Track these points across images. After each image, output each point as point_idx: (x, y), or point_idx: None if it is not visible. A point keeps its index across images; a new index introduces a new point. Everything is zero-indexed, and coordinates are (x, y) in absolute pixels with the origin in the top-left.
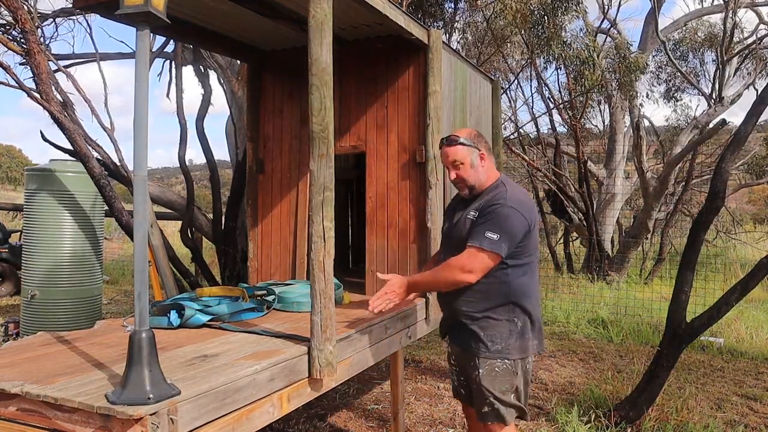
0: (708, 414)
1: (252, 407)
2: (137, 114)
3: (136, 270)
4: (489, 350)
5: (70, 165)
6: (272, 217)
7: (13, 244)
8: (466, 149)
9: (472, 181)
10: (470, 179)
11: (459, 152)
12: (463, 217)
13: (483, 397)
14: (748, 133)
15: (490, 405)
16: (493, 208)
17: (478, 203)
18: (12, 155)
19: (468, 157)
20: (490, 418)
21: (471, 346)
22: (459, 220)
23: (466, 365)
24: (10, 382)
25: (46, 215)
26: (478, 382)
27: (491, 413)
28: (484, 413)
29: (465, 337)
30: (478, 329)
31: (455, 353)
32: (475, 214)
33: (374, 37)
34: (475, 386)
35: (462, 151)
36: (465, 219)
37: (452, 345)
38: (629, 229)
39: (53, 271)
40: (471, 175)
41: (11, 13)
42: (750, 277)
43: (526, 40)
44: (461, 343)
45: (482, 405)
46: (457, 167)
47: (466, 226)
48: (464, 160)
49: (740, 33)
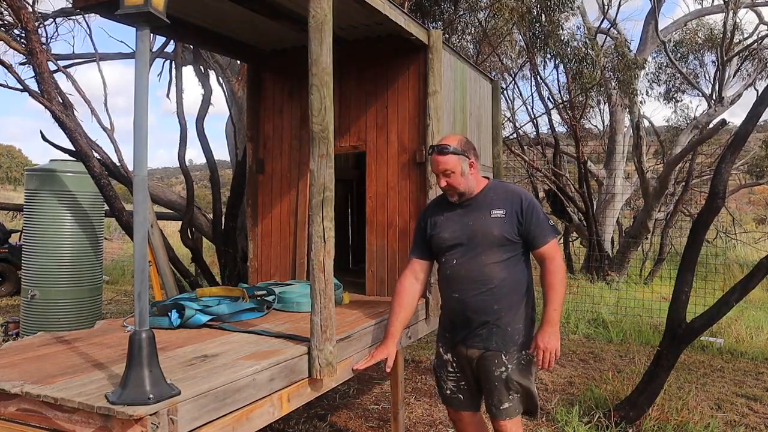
0: (708, 414)
1: (252, 407)
2: (137, 114)
3: (136, 270)
4: (517, 344)
5: (70, 165)
6: (272, 217)
7: (13, 244)
8: (456, 158)
9: (463, 188)
10: (461, 187)
11: (450, 161)
12: (485, 218)
13: (507, 392)
14: (749, 133)
15: (511, 401)
16: (532, 201)
17: (493, 203)
18: (12, 155)
19: (459, 165)
20: (508, 414)
21: (496, 343)
22: (476, 221)
23: (487, 365)
24: (10, 382)
25: (46, 215)
26: (503, 378)
27: (511, 409)
28: (503, 409)
29: (490, 336)
30: (507, 325)
31: (464, 357)
32: (501, 213)
33: (374, 37)
34: (496, 383)
35: (453, 160)
36: (489, 218)
37: (465, 349)
38: (629, 229)
39: (53, 271)
40: (462, 183)
41: (13, 12)
42: (750, 277)
43: (524, 39)
44: (483, 344)
45: (502, 401)
46: (448, 176)
47: (496, 224)
48: (455, 169)
49: (740, 34)
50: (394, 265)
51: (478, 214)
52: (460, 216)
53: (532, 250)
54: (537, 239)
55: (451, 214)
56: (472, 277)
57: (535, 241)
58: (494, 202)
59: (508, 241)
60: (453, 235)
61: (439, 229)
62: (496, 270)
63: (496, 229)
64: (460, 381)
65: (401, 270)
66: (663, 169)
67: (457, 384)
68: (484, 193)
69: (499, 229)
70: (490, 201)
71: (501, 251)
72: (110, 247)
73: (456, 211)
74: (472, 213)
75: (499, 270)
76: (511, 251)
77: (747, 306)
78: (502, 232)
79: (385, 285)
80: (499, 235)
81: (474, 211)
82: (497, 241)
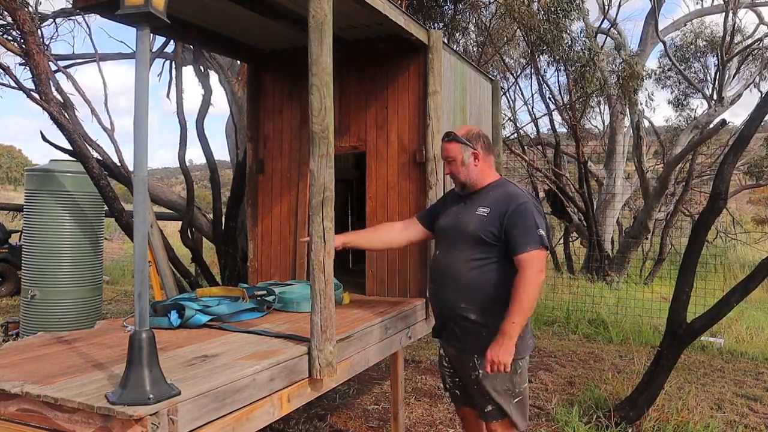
0: (708, 414)
1: (252, 407)
2: (137, 114)
3: (136, 270)
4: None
5: (70, 165)
6: (272, 217)
7: (13, 244)
8: (459, 146)
9: (463, 178)
10: (461, 176)
11: (452, 149)
12: (470, 213)
13: (485, 396)
14: (752, 134)
15: (492, 404)
16: (524, 206)
17: (486, 200)
18: (12, 155)
19: (460, 154)
20: (492, 417)
21: (471, 345)
22: (464, 216)
23: (464, 366)
24: (10, 382)
25: (46, 215)
26: (478, 382)
27: (494, 412)
28: (487, 413)
29: (464, 336)
30: (480, 328)
31: (449, 354)
32: (485, 211)
33: (374, 37)
34: (476, 387)
35: (455, 148)
36: (473, 215)
37: (447, 346)
38: (629, 230)
39: (53, 271)
40: (462, 172)
41: (10, 14)
42: (750, 278)
43: (528, 41)
44: (459, 343)
45: (484, 404)
46: (450, 163)
47: (474, 221)
48: (456, 157)
49: (741, 34)
50: (394, 265)
51: (470, 209)
52: (459, 209)
53: (512, 256)
54: (516, 245)
55: (455, 206)
56: (444, 270)
57: (513, 247)
58: (487, 199)
59: (482, 240)
60: (445, 226)
61: (440, 218)
62: (466, 268)
63: (472, 225)
64: (454, 377)
65: (401, 271)
66: (663, 169)
67: (453, 380)
68: (486, 189)
69: (475, 226)
70: (485, 198)
71: (474, 250)
72: (110, 247)
73: (459, 204)
74: (467, 208)
75: (469, 268)
76: (486, 252)
77: (747, 306)
78: (477, 230)
79: (385, 285)
80: (473, 232)
81: (469, 206)
82: (471, 239)
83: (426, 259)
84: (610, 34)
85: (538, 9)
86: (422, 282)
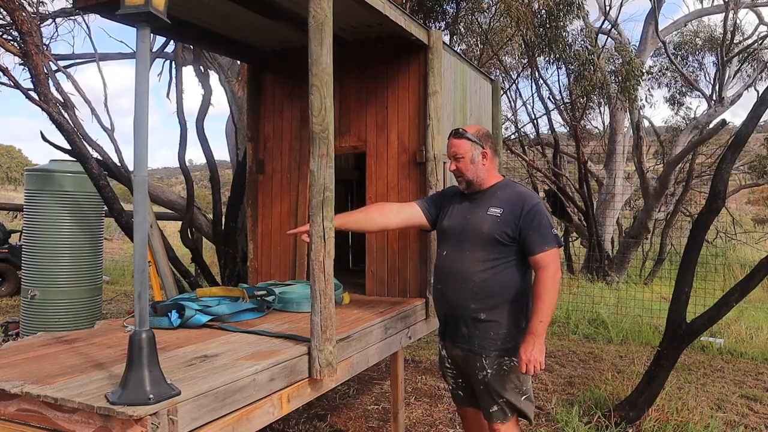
0: (708, 414)
1: (252, 407)
2: (137, 114)
3: (136, 270)
4: (498, 349)
5: (69, 165)
6: (272, 217)
7: (13, 244)
8: (469, 144)
9: (470, 176)
10: (468, 174)
11: (462, 146)
12: (481, 214)
13: (491, 397)
14: (750, 134)
15: (498, 404)
16: (538, 206)
17: (496, 200)
18: (12, 155)
19: (470, 152)
20: (496, 418)
21: (477, 345)
22: (473, 216)
23: (471, 366)
24: (10, 382)
25: (46, 215)
26: (485, 382)
27: (498, 413)
28: (492, 413)
29: (471, 337)
30: (488, 328)
31: (454, 356)
32: (498, 212)
33: (374, 37)
34: (482, 387)
35: (465, 145)
36: (485, 215)
37: (452, 347)
38: (629, 230)
39: (53, 271)
40: (470, 170)
41: (8, 14)
42: (750, 277)
43: (527, 41)
44: (465, 344)
45: (490, 405)
46: (458, 160)
47: (487, 222)
48: (465, 155)
49: (741, 35)
50: (394, 265)
51: (479, 209)
52: (465, 209)
53: (528, 257)
54: (533, 246)
55: (459, 206)
56: (453, 271)
57: (530, 248)
58: (497, 200)
59: (497, 241)
60: (451, 225)
61: (444, 217)
62: (478, 268)
63: (487, 226)
64: (457, 378)
65: (401, 270)
66: (663, 169)
67: (456, 380)
68: (493, 189)
69: (490, 227)
70: (494, 198)
71: (488, 250)
72: (110, 247)
73: (464, 203)
74: (475, 208)
75: (481, 269)
76: (499, 253)
77: (747, 306)
78: (491, 231)
79: (385, 285)
80: (488, 233)
81: (477, 206)
82: (485, 239)
83: (426, 259)
84: (611, 35)
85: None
86: (422, 282)
